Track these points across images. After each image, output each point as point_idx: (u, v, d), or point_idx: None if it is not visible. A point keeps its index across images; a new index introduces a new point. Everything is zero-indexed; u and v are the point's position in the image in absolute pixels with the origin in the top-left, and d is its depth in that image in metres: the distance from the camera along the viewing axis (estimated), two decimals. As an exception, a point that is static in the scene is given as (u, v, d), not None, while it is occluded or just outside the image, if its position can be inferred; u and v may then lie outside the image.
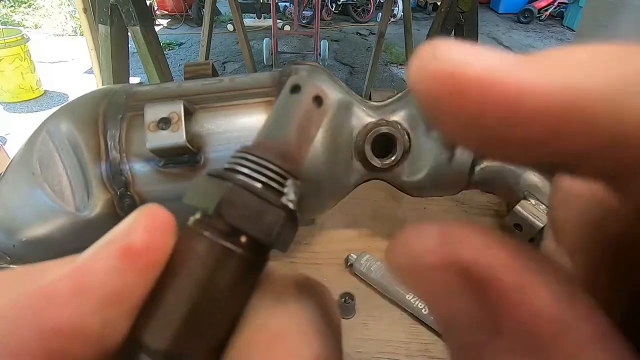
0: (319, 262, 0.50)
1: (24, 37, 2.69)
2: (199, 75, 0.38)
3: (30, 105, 2.68)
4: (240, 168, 0.11)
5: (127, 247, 0.10)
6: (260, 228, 0.10)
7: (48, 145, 0.32)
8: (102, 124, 0.32)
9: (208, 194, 0.10)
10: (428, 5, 5.19)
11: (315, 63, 0.37)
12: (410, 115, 0.35)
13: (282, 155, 0.11)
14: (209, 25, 1.98)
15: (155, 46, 1.19)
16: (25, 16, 4.29)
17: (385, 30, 2.13)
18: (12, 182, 0.33)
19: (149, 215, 0.10)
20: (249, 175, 0.11)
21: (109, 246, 0.10)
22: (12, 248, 0.33)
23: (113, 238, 0.10)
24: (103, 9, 1.11)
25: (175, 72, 2.68)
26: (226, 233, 0.10)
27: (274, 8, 3.15)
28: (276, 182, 0.11)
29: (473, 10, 1.19)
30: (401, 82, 3.17)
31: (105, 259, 0.10)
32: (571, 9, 4.63)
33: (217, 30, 3.68)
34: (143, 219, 0.10)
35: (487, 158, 0.08)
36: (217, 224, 0.10)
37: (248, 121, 0.32)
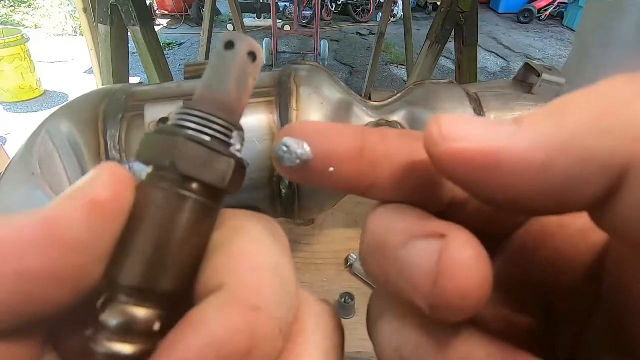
0: (319, 262, 0.50)
1: (24, 37, 2.69)
2: (199, 75, 0.38)
3: (30, 105, 2.68)
4: (188, 124, 0.12)
5: (93, 199, 0.11)
6: (214, 175, 0.12)
7: (48, 145, 0.32)
8: (102, 124, 0.32)
9: (161, 149, 0.12)
10: (428, 5, 5.20)
11: (315, 63, 0.37)
12: (410, 115, 0.35)
13: (225, 108, 0.12)
14: (209, 25, 1.98)
15: (155, 46, 1.19)
16: (25, 16, 4.29)
17: (385, 30, 2.14)
18: (12, 182, 0.33)
19: (110, 171, 0.11)
20: (198, 130, 0.12)
21: (76, 199, 0.11)
22: (12, 248, 0.33)
23: (78, 191, 0.11)
24: (103, 9, 1.11)
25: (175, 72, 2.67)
26: (180, 182, 0.11)
27: (274, 8, 3.15)
28: (223, 135, 0.12)
29: (473, 10, 1.19)
30: (401, 82, 3.17)
31: (74, 210, 0.10)
32: (571, 9, 4.63)
33: (217, 30, 3.68)
34: (105, 173, 0.11)
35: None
36: (170, 175, 0.11)
37: (248, 121, 0.32)
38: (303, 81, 0.34)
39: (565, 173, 0.09)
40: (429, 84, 0.37)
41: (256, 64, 0.13)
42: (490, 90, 0.37)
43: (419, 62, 1.38)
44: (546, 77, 0.35)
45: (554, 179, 0.09)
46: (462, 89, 0.36)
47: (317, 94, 0.33)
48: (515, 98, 0.36)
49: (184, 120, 0.12)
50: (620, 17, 0.56)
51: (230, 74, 0.12)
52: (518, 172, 0.09)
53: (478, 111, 0.35)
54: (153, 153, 0.12)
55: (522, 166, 0.09)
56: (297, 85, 0.33)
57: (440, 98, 0.35)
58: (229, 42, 0.12)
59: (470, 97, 0.35)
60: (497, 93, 0.36)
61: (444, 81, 0.38)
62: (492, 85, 0.38)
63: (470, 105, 0.35)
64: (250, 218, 0.13)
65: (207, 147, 0.12)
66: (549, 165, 0.09)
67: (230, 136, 0.12)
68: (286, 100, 0.32)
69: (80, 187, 0.11)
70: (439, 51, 1.31)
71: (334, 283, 0.47)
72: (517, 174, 0.09)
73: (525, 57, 3.76)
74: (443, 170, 0.10)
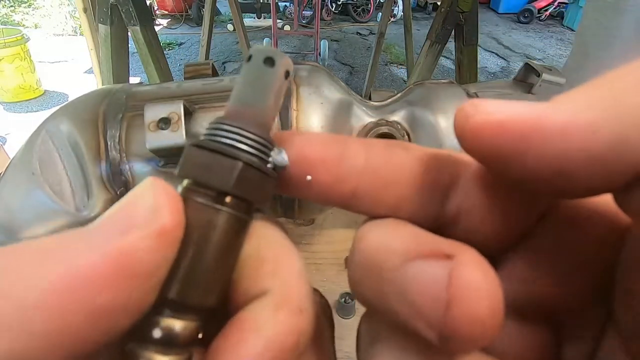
0: (319, 262, 0.50)
1: (24, 37, 2.69)
2: (199, 75, 0.38)
3: (30, 105, 2.68)
4: (227, 140, 0.12)
5: (162, 228, 0.10)
6: (255, 193, 0.12)
7: (48, 145, 0.32)
8: (102, 124, 0.32)
9: (203, 166, 0.11)
10: (428, 5, 5.20)
11: (315, 63, 0.37)
12: (410, 115, 0.35)
13: (261, 124, 0.12)
14: (209, 25, 1.98)
15: (155, 46, 1.19)
16: (25, 16, 4.29)
17: (385, 30, 2.13)
18: (12, 182, 0.33)
19: (169, 195, 0.11)
20: (245, 151, 0.12)
21: (144, 228, 0.10)
22: (12, 248, 0.33)
23: (144, 220, 0.11)
24: (103, 9, 1.11)
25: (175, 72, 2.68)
26: (218, 198, 0.11)
27: (274, 8, 3.15)
28: (261, 152, 0.12)
29: (473, 10, 1.19)
30: (401, 82, 3.17)
31: (143, 240, 0.10)
32: (571, 9, 4.63)
33: (217, 30, 3.68)
34: (165, 198, 0.11)
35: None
36: (209, 192, 0.11)
37: (248, 121, 0.32)
38: (303, 81, 0.34)
39: (615, 133, 0.08)
40: (429, 84, 0.37)
41: (288, 80, 0.13)
42: (490, 90, 0.37)
43: (419, 62, 1.38)
44: (546, 77, 0.35)
45: (603, 140, 0.08)
46: (462, 89, 0.36)
47: (317, 94, 0.33)
48: (515, 98, 0.36)
49: (223, 136, 0.12)
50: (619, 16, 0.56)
51: (270, 91, 0.12)
52: (564, 136, 0.08)
53: (478, 111, 0.35)
54: (195, 169, 0.12)
55: (568, 130, 0.08)
56: (297, 85, 0.33)
57: (440, 98, 0.35)
58: (268, 58, 0.12)
59: (470, 97, 0.35)
60: (497, 93, 0.36)
61: (444, 81, 0.38)
62: (492, 85, 0.38)
63: (470, 105, 0.35)
64: (268, 224, 0.13)
65: (249, 165, 0.12)
66: (598, 125, 0.08)
67: (268, 153, 0.12)
68: (286, 100, 0.32)
69: (144, 213, 0.11)
70: (439, 51, 1.31)
71: (334, 283, 0.47)
72: (563, 138, 0.08)
73: (525, 57, 3.76)
74: (476, 145, 0.10)
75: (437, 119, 0.34)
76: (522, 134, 0.09)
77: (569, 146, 0.08)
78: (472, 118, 0.10)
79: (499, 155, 0.09)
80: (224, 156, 0.11)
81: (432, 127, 0.34)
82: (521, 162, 0.09)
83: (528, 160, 0.09)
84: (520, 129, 0.09)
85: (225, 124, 0.12)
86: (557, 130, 0.08)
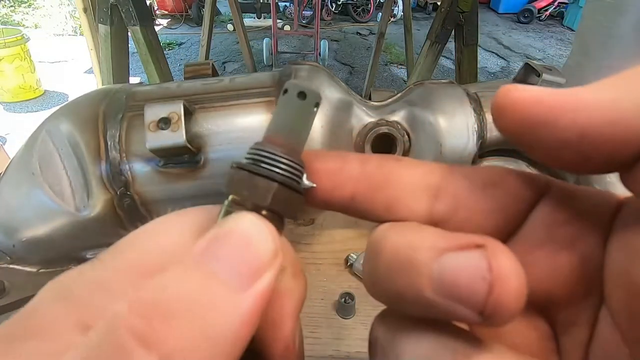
0: (319, 262, 0.50)
1: (24, 37, 2.69)
2: (199, 75, 0.38)
3: (30, 105, 2.68)
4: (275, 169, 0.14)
5: (281, 266, 0.13)
6: (291, 211, 0.14)
7: (48, 145, 0.32)
8: (102, 124, 0.32)
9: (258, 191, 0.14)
10: (428, 5, 5.20)
11: (315, 63, 0.37)
12: (410, 115, 0.35)
13: (294, 150, 0.15)
14: (209, 25, 1.98)
15: (155, 46, 1.20)
16: (25, 16, 4.29)
17: (385, 30, 2.14)
18: (12, 182, 0.33)
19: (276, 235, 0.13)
20: (284, 175, 0.14)
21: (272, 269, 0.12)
22: (12, 248, 0.33)
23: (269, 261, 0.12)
24: (103, 9, 1.11)
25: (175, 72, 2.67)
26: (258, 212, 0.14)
27: (274, 8, 3.15)
28: (297, 176, 0.14)
29: (473, 10, 1.19)
30: (401, 82, 3.17)
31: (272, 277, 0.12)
32: (571, 9, 4.63)
33: (217, 30, 3.68)
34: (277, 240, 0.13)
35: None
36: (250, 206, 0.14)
37: (248, 121, 0.32)
38: (303, 81, 0.34)
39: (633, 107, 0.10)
40: (429, 84, 0.37)
41: (317, 110, 0.15)
42: (490, 90, 0.37)
43: (419, 62, 1.38)
44: (546, 77, 0.35)
45: (623, 110, 0.10)
46: (462, 89, 0.36)
47: (317, 94, 0.33)
48: (515, 98, 0.36)
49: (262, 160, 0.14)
50: (619, 16, 0.56)
51: (305, 124, 0.15)
52: (591, 107, 0.10)
53: (478, 111, 0.35)
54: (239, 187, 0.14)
55: (595, 102, 0.10)
56: (297, 85, 0.33)
57: (440, 98, 0.35)
58: (301, 92, 0.14)
59: (470, 97, 0.35)
60: (497, 93, 0.36)
61: (444, 81, 0.38)
62: (492, 85, 0.38)
63: (470, 105, 0.35)
64: None
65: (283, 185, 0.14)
66: (620, 100, 0.10)
67: (299, 174, 0.14)
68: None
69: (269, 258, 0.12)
70: (439, 51, 1.31)
71: (334, 283, 0.47)
72: (591, 108, 0.10)
73: (525, 57, 3.75)
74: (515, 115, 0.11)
75: (437, 119, 0.34)
76: (556, 105, 0.11)
77: (595, 114, 0.10)
78: (514, 93, 0.11)
79: (534, 124, 0.11)
80: (263, 177, 0.14)
81: (432, 127, 0.34)
82: (552, 129, 0.11)
83: (559, 127, 0.11)
84: (554, 101, 0.11)
85: (264, 150, 0.14)
86: (585, 103, 0.10)
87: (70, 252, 0.35)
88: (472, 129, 0.34)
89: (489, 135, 0.34)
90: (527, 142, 0.12)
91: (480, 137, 0.34)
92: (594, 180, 0.34)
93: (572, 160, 0.11)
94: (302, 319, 0.16)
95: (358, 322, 0.44)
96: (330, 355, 0.40)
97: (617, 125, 0.10)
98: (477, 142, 0.34)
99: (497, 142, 0.35)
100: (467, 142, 0.34)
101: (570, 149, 0.11)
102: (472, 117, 0.34)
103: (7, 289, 0.34)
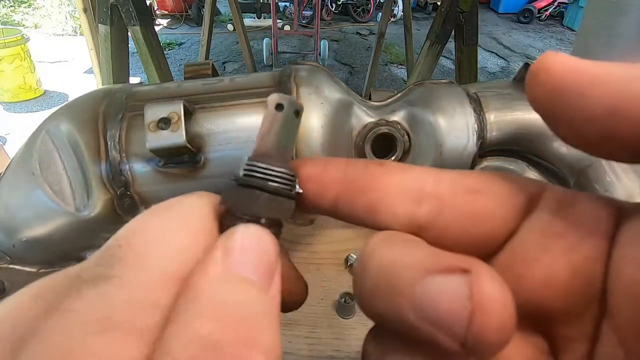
0: (319, 262, 0.50)
1: (24, 37, 2.70)
2: (199, 75, 0.38)
3: (30, 105, 2.68)
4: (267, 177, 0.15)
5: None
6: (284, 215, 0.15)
7: (48, 145, 0.32)
8: (102, 124, 0.32)
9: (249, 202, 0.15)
10: (428, 5, 5.20)
11: (315, 63, 0.37)
12: (409, 115, 0.35)
13: (286, 160, 0.16)
14: (209, 25, 1.98)
15: (155, 46, 1.20)
16: (25, 16, 4.29)
17: (385, 30, 2.14)
18: (12, 182, 0.33)
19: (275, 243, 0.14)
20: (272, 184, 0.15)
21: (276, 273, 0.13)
22: (12, 248, 0.33)
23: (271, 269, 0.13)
24: (103, 9, 1.11)
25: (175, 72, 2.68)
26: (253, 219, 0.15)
27: (274, 8, 3.15)
28: (289, 184, 0.15)
29: (473, 10, 1.19)
30: (401, 82, 3.17)
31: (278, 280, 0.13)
32: (571, 9, 4.63)
33: (217, 30, 3.68)
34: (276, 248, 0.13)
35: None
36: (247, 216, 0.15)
37: (248, 121, 0.32)
38: (303, 81, 0.34)
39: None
40: (429, 84, 0.37)
41: (299, 118, 0.16)
42: (490, 90, 0.37)
43: (419, 62, 1.38)
44: (546, 77, 0.35)
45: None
46: (462, 89, 0.36)
47: (317, 94, 0.33)
48: (515, 98, 0.36)
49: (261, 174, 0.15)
50: (621, 16, 0.56)
51: (287, 134, 0.16)
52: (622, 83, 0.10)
53: (478, 111, 0.35)
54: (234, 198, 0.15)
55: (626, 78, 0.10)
56: (297, 85, 0.33)
57: (440, 98, 0.35)
58: (279, 104, 0.16)
59: (470, 97, 0.35)
60: (497, 93, 0.36)
61: (444, 81, 0.38)
62: (492, 85, 0.38)
63: (470, 105, 0.35)
64: None
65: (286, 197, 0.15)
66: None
67: (294, 184, 0.16)
68: (286, 100, 0.33)
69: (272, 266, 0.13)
70: (439, 51, 1.31)
71: (334, 283, 0.47)
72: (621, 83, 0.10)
73: (525, 57, 3.76)
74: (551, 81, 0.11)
75: (437, 119, 0.34)
76: (590, 74, 0.10)
77: (626, 88, 0.10)
78: (553, 58, 0.11)
79: (566, 93, 0.11)
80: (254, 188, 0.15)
81: (432, 127, 0.34)
82: (584, 100, 0.10)
83: (589, 98, 0.10)
84: (588, 70, 0.11)
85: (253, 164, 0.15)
86: (619, 76, 0.10)
87: (70, 252, 0.35)
88: (472, 129, 0.34)
89: (489, 135, 0.34)
90: (556, 114, 0.11)
91: (480, 137, 0.34)
92: (594, 180, 0.34)
93: (597, 139, 0.11)
94: (302, 319, 0.16)
95: (358, 322, 0.44)
96: (330, 355, 0.40)
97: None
98: (477, 142, 0.34)
99: (497, 142, 0.35)
100: (467, 142, 0.34)
101: (597, 125, 0.10)
102: (472, 117, 0.34)
103: (7, 289, 0.34)
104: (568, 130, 0.11)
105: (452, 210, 0.13)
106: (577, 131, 0.11)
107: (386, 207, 0.14)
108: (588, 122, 0.10)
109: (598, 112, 0.10)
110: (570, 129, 0.11)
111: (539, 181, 0.14)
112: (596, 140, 0.11)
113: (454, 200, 0.14)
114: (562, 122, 0.11)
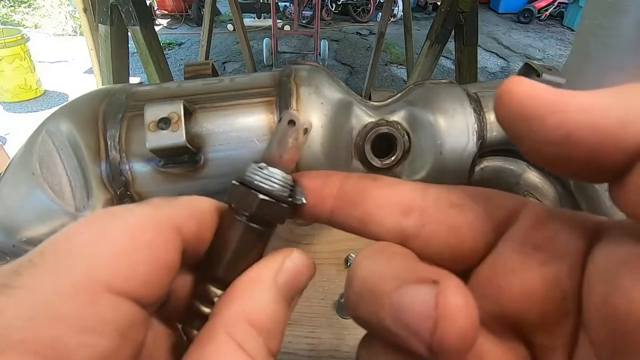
0: (319, 262, 0.50)
1: (24, 37, 2.69)
2: (199, 75, 0.38)
3: (30, 105, 2.68)
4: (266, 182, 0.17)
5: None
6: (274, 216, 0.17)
7: (48, 145, 0.32)
8: (102, 124, 0.32)
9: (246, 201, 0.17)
10: (428, 5, 5.20)
11: (315, 63, 0.37)
12: (410, 115, 0.35)
13: (288, 170, 0.17)
14: (209, 25, 1.98)
15: (155, 46, 1.19)
16: (25, 16, 4.29)
17: (385, 30, 2.14)
18: (12, 182, 0.33)
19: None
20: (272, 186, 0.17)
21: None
22: (12, 248, 0.33)
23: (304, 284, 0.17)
24: (103, 9, 1.11)
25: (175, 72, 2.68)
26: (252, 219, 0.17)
27: (274, 8, 3.15)
28: (287, 189, 0.17)
29: (473, 10, 1.19)
30: (401, 82, 3.17)
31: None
32: (571, 9, 4.63)
33: (217, 30, 3.68)
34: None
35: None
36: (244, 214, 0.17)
37: (248, 121, 0.32)
38: (303, 81, 0.34)
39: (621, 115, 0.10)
40: (429, 84, 0.37)
41: (307, 135, 0.18)
42: (490, 90, 0.37)
43: (419, 62, 1.38)
44: (546, 77, 0.35)
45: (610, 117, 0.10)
46: (462, 89, 0.36)
47: (317, 94, 0.33)
48: (515, 98, 0.36)
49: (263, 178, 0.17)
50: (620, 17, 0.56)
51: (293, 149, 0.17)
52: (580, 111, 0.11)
53: (478, 111, 0.35)
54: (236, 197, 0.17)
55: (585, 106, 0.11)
56: (297, 85, 0.33)
57: (440, 98, 0.35)
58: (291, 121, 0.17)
59: (470, 97, 0.35)
60: (497, 93, 0.36)
61: (444, 81, 0.38)
62: (492, 85, 0.38)
63: (470, 105, 0.35)
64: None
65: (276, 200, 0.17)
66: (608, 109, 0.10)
67: (293, 188, 0.17)
68: (286, 100, 0.32)
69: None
70: (439, 51, 1.31)
71: (334, 283, 0.47)
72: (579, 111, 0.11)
73: (525, 57, 3.75)
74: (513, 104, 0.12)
75: (437, 119, 0.34)
76: (549, 102, 0.11)
77: (582, 118, 0.11)
78: (515, 84, 0.12)
79: (526, 117, 0.11)
80: (252, 190, 0.17)
81: (432, 127, 0.34)
82: (541, 124, 0.11)
83: (547, 124, 0.11)
84: (548, 98, 0.11)
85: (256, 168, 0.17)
86: (576, 106, 0.11)
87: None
88: (472, 129, 0.34)
89: (489, 135, 0.34)
90: (518, 134, 0.12)
91: (480, 137, 0.34)
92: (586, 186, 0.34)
93: (554, 159, 0.12)
94: (302, 319, 0.17)
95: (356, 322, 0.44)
96: (330, 355, 0.40)
97: (600, 133, 0.10)
98: (477, 142, 0.34)
99: (497, 142, 0.35)
100: (467, 142, 0.34)
101: (553, 147, 0.11)
102: (472, 117, 0.34)
103: (7, 289, 0.34)
104: (529, 150, 0.12)
105: (435, 223, 0.15)
106: (537, 151, 0.12)
107: (376, 218, 0.16)
108: (546, 145, 0.11)
109: (555, 137, 0.11)
110: (531, 149, 0.12)
111: (520, 197, 0.15)
112: (553, 160, 0.12)
113: (438, 214, 0.15)
114: (524, 143, 0.12)
